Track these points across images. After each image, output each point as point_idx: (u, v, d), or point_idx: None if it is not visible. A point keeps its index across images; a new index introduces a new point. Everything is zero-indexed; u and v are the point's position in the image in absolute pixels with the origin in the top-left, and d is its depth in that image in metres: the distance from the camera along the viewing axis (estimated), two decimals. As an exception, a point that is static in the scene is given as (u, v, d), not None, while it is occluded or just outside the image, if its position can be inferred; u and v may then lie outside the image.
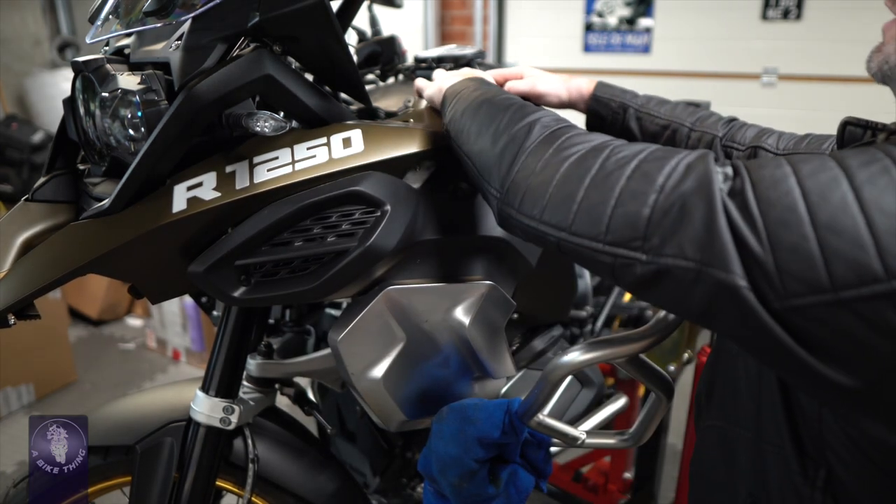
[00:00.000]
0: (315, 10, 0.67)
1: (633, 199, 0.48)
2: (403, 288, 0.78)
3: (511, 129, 0.63)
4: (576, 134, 0.59)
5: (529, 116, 0.64)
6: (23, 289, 0.68)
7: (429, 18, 3.86)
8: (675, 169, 0.48)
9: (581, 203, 0.52)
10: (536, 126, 0.62)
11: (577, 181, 0.53)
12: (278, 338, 1.04)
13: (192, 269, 0.69)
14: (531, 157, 0.59)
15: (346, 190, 0.71)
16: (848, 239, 0.39)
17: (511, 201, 0.60)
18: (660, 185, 0.47)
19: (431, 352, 0.84)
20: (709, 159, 0.48)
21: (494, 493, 0.82)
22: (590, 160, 0.54)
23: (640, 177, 0.49)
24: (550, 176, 0.56)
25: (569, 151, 0.56)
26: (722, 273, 0.43)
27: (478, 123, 0.68)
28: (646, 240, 0.47)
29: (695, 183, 0.46)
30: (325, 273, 0.71)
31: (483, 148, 0.66)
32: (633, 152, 0.52)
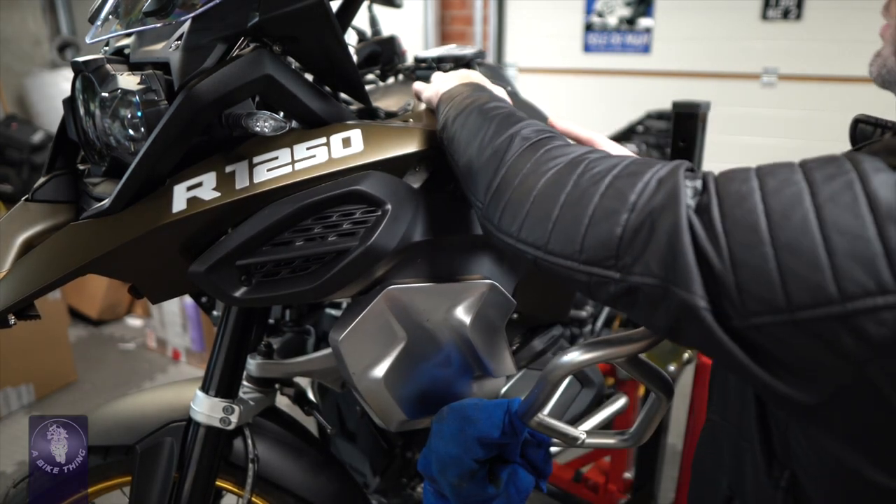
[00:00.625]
0: (315, 10, 0.67)
1: (605, 218, 0.49)
2: (404, 287, 0.78)
3: (494, 141, 0.63)
4: (555, 146, 0.59)
5: (512, 127, 0.64)
6: (23, 289, 0.68)
7: (429, 18, 3.86)
8: (647, 185, 0.48)
9: (556, 222, 0.53)
10: (517, 138, 0.62)
11: (553, 199, 0.53)
12: (278, 338, 1.04)
13: (193, 270, 0.69)
14: (510, 171, 0.59)
15: (346, 189, 0.71)
16: (806, 260, 0.39)
17: (491, 216, 0.60)
18: (632, 203, 0.48)
19: (432, 351, 0.84)
20: (679, 173, 0.48)
21: (494, 493, 0.82)
22: (565, 176, 0.54)
23: (613, 194, 0.50)
24: (528, 192, 0.56)
25: (546, 166, 0.57)
26: (683, 292, 0.43)
27: (466, 132, 0.68)
28: (618, 258, 0.48)
29: (664, 199, 0.46)
30: (327, 273, 0.71)
31: (470, 158, 0.66)
32: (608, 167, 0.52)
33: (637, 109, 2.54)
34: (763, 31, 3.23)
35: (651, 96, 3.19)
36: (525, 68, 3.86)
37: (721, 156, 3.28)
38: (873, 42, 0.59)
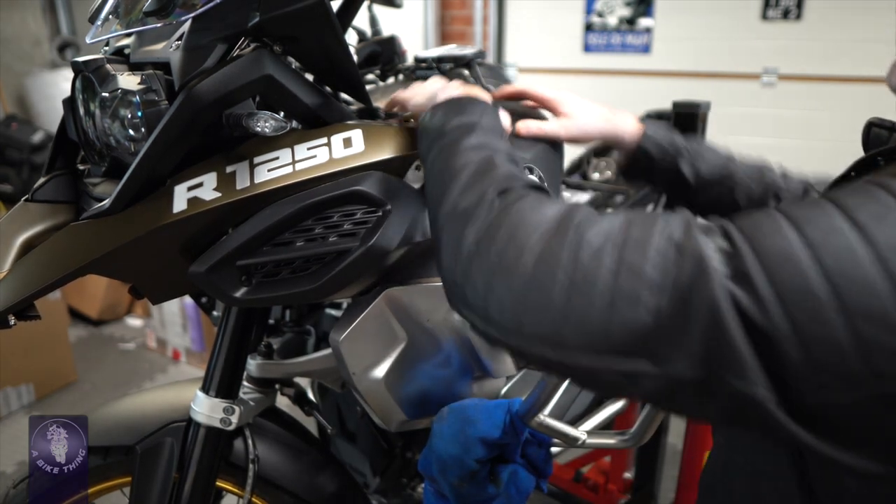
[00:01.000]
0: (315, 10, 0.67)
1: (625, 303, 0.41)
2: (405, 288, 0.78)
3: (460, 204, 0.54)
4: (527, 204, 0.51)
5: (482, 182, 0.55)
6: (23, 289, 0.68)
7: (429, 18, 3.86)
8: (665, 255, 0.42)
9: (565, 312, 0.44)
10: (486, 199, 0.53)
11: (552, 283, 0.45)
12: (278, 338, 1.04)
13: (194, 270, 0.69)
14: (482, 247, 0.49)
15: (347, 190, 0.71)
16: (885, 325, 0.35)
17: (471, 305, 0.50)
18: (652, 281, 0.41)
19: (432, 351, 0.84)
20: (694, 232, 0.42)
21: (495, 493, 0.82)
22: (557, 251, 0.45)
23: (626, 273, 0.42)
24: (512, 274, 0.47)
25: (529, 237, 0.47)
26: (738, 381, 0.38)
27: (435, 178, 0.61)
28: (650, 348, 0.41)
29: (691, 272, 0.40)
30: (327, 273, 0.71)
31: (434, 218, 0.58)
32: (604, 233, 0.45)
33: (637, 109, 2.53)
34: (763, 31, 3.23)
35: (651, 96, 3.19)
36: (525, 68, 3.86)
37: (721, 156, 3.28)
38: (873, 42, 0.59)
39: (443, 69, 1.06)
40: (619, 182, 1.96)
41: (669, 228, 0.43)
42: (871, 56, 2.94)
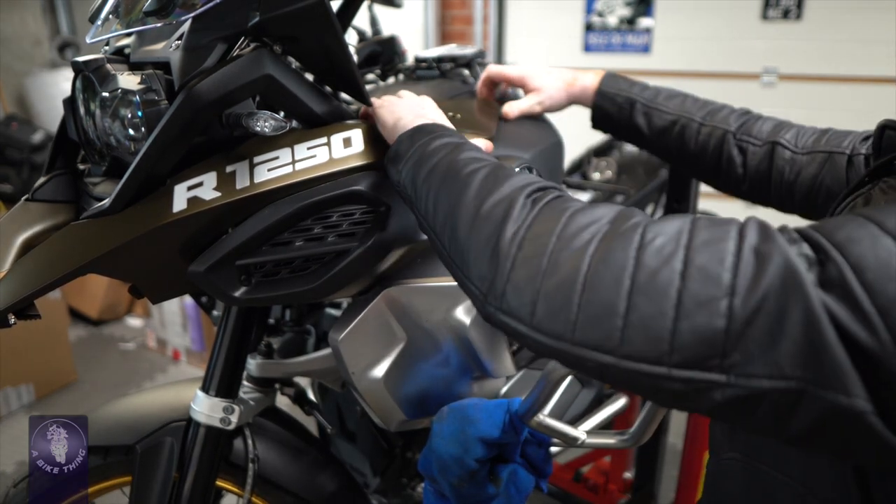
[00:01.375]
0: (315, 10, 0.67)
1: (698, 308, 0.38)
2: (404, 287, 0.79)
3: (485, 206, 0.50)
4: (573, 205, 0.47)
5: (504, 185, 0.51)
6: (23, 289, 0.68)
7: (429, 18, 3.86)
8: (741, 258, 0.38)
9: (628, 317, 0.40)
10: (518, 200, 0.49)
11: (613, 285, 0.41)
12: (278, 338, 1.04)
13: (193, 269, 0.69)
14: (527, 248, 0.46)
15: (346, 190, 0.71)
16: None
17: (515, 311, 0.46)
18: (729, 286, 0.38)
19: (432, 351, 0.84)
20: (777, 238, 0.39)
21: (494, 492, 0.82)
22: (618, 251, 0.42)
23: (698, 275, 0.39)
24: (569, 278, 0.43)
25: (580, 238, 0.44)
26: (835, 395, 0.35)
27: (443, 197, 0.56)
28: (725, 357, 0.38)
29: (777, 279, 0.37)
30: (327, 273, 0.71)
31: (454, 227, 0.53)
32: (671, 234, 0.41)
33: (637, 109, 2.54)
34: (763, 31, 3.23)
35: (651, 96, 3.19)
36: (525, 68, 3.87)
37: (721, 156, 3.28)
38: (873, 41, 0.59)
39: (443, 69, 1.06)
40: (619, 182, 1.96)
41: (744, 232, 0.40)
42: (871, 56, 2.94)
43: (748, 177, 0.86)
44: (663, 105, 0.90)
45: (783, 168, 0.83)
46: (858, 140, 0.81)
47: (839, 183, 0.79)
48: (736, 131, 0.86)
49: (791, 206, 0.86)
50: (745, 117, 0.87)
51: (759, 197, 0.88)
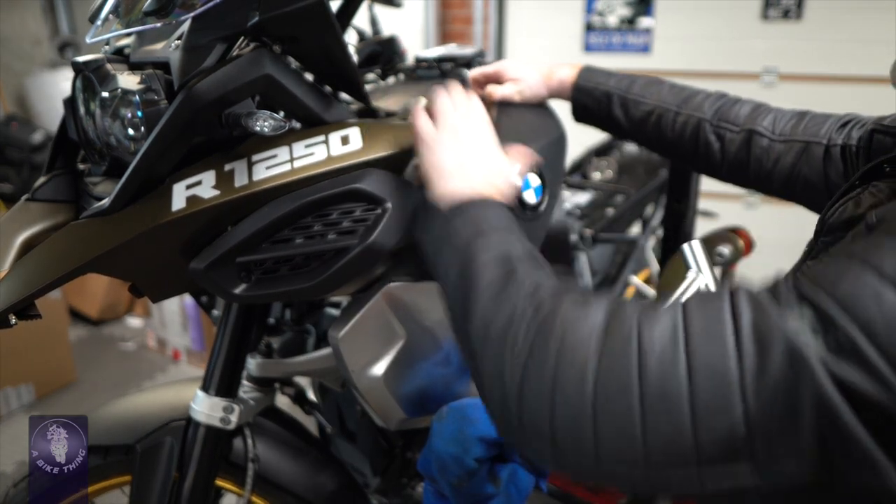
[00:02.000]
0: (315, 10, 0.67)
1: (713, 414, 0.38)
2: (404, 285, 0.78)
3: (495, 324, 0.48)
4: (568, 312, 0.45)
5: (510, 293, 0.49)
6: (23, 289, 0.68)
7: (429, 18, 3.86)
8: (742, 347, 0.38)
9: (647, 435, 0.40)
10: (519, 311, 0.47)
11: (622, 402, 0.40)
12: (278, 337, 1.04)
13: (193, 267, 0.69)
14: (532, 376, 0.44)
15: (346, 187, 0.71)
16: None
17: (534, 448, 0.45)
18: (738, 383, 0.37)
19: (431, 349, 0.84)
20: (771, 314, 0.38)
21: (494, 492, 0.82)
22: (620, 365, 0.41)
23: (706, 375, 0.38)
24: (576, 407, 0.42)
25: (581, 351, 0.42)
26: (861, 472, 0.35)
27: (452, 287, 0.55)
28: (752, 448, 0.37)
29: (784, 366, 0.36)
30: (327, 270, 0.71)
31: (465, 335, 0.52)
32: (665, 333, 0.40)
33: (637, 109, 2.54)
34: (763, 31, 3.23)
35: (651, 96, 3.19)
36: (525, 68, 3.86)
37: (721, 156, 3.28)
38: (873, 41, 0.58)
39: (443, 69, 1.06)
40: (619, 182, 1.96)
41: (737, 312, 0.39)
42: (871, 56, 2.94)
43: (726, 162, 0.86)
44: (639, 95, 0.90)
45: (761, 156, 0.84)
46: (835, 128, 0.81)
47: (816, 173, 0.79)
48: (711, 118, 0.86)
49: (770, 191, 0.86)
50: (720, 101, 0.87)
51: (739, 181, 0.88)
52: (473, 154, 0.68)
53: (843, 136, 0.79)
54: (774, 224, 3.36)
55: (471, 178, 0.65)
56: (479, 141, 0.70)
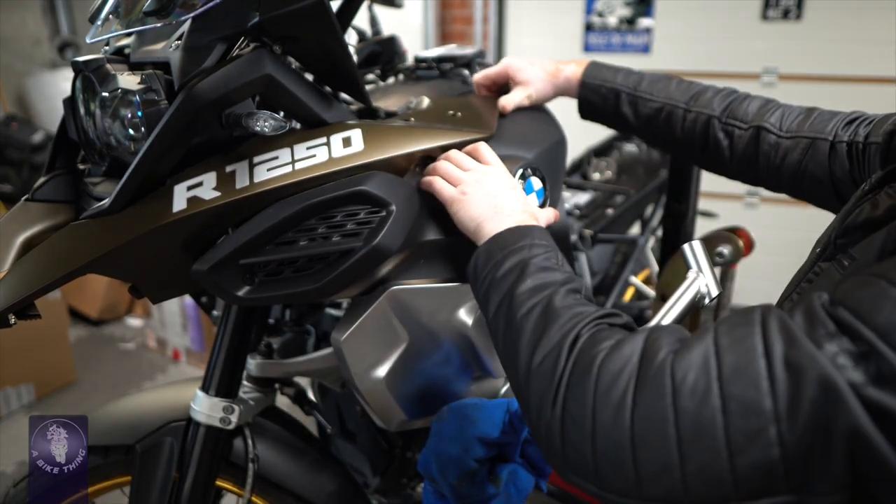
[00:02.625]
0: (315, 10, 0.67)
1: (749, 443, 0.38)
2: (407, 288, 0.78)
3: (534, 361, 0.52)
4: (602, 348, 0.47)
5: (551, 330, 0.52)
6: (23, 289, 0.68)
7: (429, 18, 3.86)
8: (775, 379, 0.38)
9: (685, 468, 0.40)
10: (563, 350, 0.50)
11: (661, 440, 0.41)
12: (278, 337, 1.04)
13: (197, 268, 0.69)
14: (571, 409, 0.46)
15: (351, 189, 0.71)
16: None
17: (580, 472, 0.46)
18: (772, 412, 0.38)
19: (434, 352, 0.84)
20: (804, 345, 0.38)
21: (494, 492, 0.82)
22: (655, 401, 0.42)
23: (738, 408, 0.39)
24: (615, 438, 0.43)
25: (615, 390, 0.44)
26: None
27: (506, 343, 0.58)
28: (789, 479, 0.38)
29: (818, 398, 0.36)
30: (331, 273, 0.71)
31: (514, 373, 0.55)
32: (698, 367, 0.41)
33: (637, 109, 2.53)
34: (763, 31, 3.23)
35: (651, 96, 3.18)
36: (525, 68, 3.86)
37: (721, 156, 3.28)
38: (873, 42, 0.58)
39: (443, 69, 1.06)
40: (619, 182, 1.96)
41: (769, 342, 0.40)
42: (871, 56, 2.94)
43: (735, 159, 0.86)
44: (648, 92, 0.90)
45: (769, 152, 0.83)
46: (841, 125, 0.81)
47: (822, 169, 0.79)
48: (720, 115, 0.85)
49: (779, 188, 0.86)
50: (729, 98, 0.87)
51: (748, 179, 0.88)
52: (501, 195, 0.72)
53: (849, 134, 0.79)
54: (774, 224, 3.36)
55: (510, 215, 0.70)
56: (500, 182, 0.74)
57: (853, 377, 0.36)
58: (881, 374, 0.35)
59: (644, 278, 2.00)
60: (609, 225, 1.76)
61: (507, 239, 0.65)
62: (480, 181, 0.73)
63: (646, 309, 1.87)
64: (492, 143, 0.83)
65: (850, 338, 0.37)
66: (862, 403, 0.35)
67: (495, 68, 0.96)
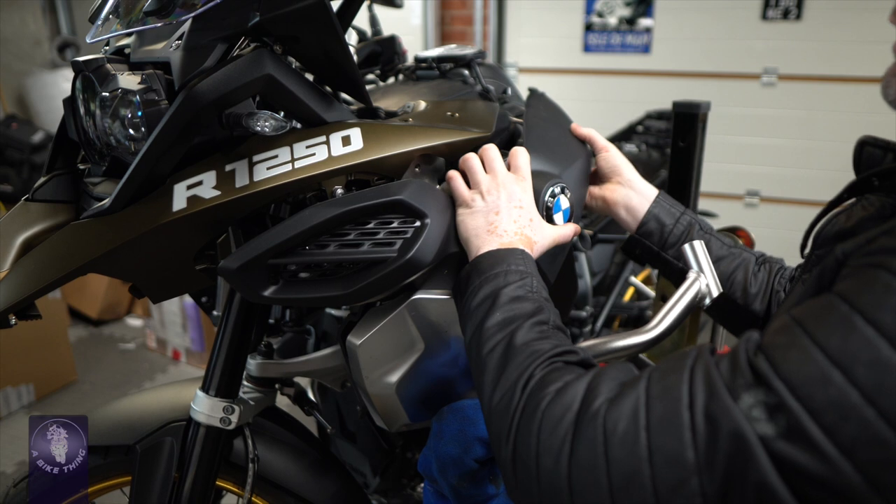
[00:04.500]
0: (315, 10, 0.67)
1: (674, 493, 0.41)
2: (429, 298, 0.78)
3: (494, 398, 0.55)
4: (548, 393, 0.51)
5: (509, 369, 0.56)
6: (24, 289, 0.68)
7: (429, 18, 3.86)
8: (696, 431, 0.41)
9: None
10: (516, 391, 0.53)
11: (594, 487, 0.44)
12: (278, 338, 1.04)
13: (225, 265, 0.69)
14: (520, 450, 0.50)
15: (389, 198, 0.70)
16: None
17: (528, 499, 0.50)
18: (693, 464, 0.40)
19: (446, 361, 0.83)
20: (723, 399, 0.40)
21: (494, 492, 0.82)
22: (588, 451, 0.45)
23: (664, 462, 0.41)
24: (554, 483, 0.47)
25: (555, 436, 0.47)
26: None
27: (475, 371, 0.61)
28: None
29: (731, 453, 0.39)
30: (362, 280, 0.70)
31: (483, 404, 0.59)
32: (628, 417, 0.44)
33: (637, 109, 2.54)
34: (763, 31, 3.23)
35: (651, 96, 3.19)
36: (525, 68, 3.86)
37: (721, 156, 3.28)
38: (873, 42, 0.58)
39: (443, 69, 1.06)
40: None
41: (694, 393, 0.42)
42: (871, 56, 2.94)
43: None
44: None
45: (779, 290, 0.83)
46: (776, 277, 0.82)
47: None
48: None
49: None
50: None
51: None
52: (503, 213, 0.72)
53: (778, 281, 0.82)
54: (774, 224, 3.36)
55: (500, 236, 0.71)
56: (509, 198, 0.74)
57: (764, 431, 0.38)
58: (790, 428, 0.37)
59: (644, 278, 2.00)
60: (609, 225, 1.76)
61: (485, 264, 0.68)
62: (492, 191, 0.74)
63: (646, 309, 1.87)
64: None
65: (764, 389, 0.39)
66: (770, 457, 0.38)
67: (607, 162, 0.91)
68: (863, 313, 0.38)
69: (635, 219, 0.87)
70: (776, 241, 3.07)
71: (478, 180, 0.75)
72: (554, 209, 0.80)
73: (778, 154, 3.31)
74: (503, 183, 0.75)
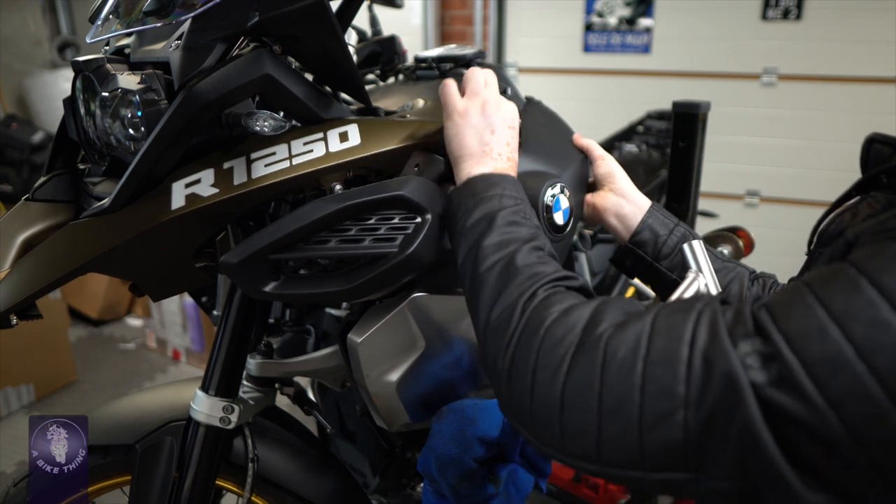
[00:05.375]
0: (315, 10, 0.67)
1: (658, 423, 0.42)
2: (430, 296, 0.77)
3: (492, 316, 0.55)
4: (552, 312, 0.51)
5: (511, 287, 0.56)
6: (24, 289, 0.68)
7: (429, 18, 3.86)
8: (692, 368, 0.42)
9: (601, 434, 0.45)
10: (517, 308, 0.53)
11: (585, 407, 0.46)
12: (278, 337, 1.04)
13: (226, 260, 0.69)
14: (518, 364, 0.51)
15: (390, 194, 0.69)
16: None
17: (517, 418, 0.52)
18: (683, 398, 0.42)
19: (447, 360, 0.83)
20: (723, 343, 0.41)
21: (494, 492, 0.82)
22: (587, 372, 0.46)
23: (655, 392, 0.43)
24: (547, 397, 0.48)
25: (556, 355, 0.48)
26: (777, 494, 0.39)
27: (469, 292, 0.61)
28: (688, 460, 0.42)
29: (722, 394, 0.40)
30: (363, 276, 0.70)
31: (476, 323, 0.59)
32: (631, 346, 0.45)
33: (637, 109, 2.54)
34: (763, 31, 3.23)
35: (651, 96, 3.19)
36: (525, 68, 3.86)
37: (721, 156, 3.28)
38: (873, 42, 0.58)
39: (443, 69, 1.06)
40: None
41: (696, 333, 0.43)
42: (871, 56, 2.94)
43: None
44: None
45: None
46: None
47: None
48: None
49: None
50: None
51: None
52: (498, 132, 0.71)
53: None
54: (774, 224, 3.36)
55: (495, 159, 0.69)
56: (504, 116, 0.72)
57: (756, 378, 0.39)
58: (781, 377, 0.39)
59: (644, 278, 2.00)
60: (609, 225, 1.76)
61: (480, 185, 0.66)
62: (488, 106, 0.71)
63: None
64: (523, 157, 0.81)
65: (762, 339, 0.41)
66: (758, 402, 0.39)
67: (602, 168, 0.89)
68: (868, 276, 0.39)
69: (626, 227, 0.85)
70: (776, 241, 3.07)
71: (476, 90, 0.73)
72: (554, 208, 0.80)
73: (778, 154, 3.31)
74: (501, 101, 0.73)
